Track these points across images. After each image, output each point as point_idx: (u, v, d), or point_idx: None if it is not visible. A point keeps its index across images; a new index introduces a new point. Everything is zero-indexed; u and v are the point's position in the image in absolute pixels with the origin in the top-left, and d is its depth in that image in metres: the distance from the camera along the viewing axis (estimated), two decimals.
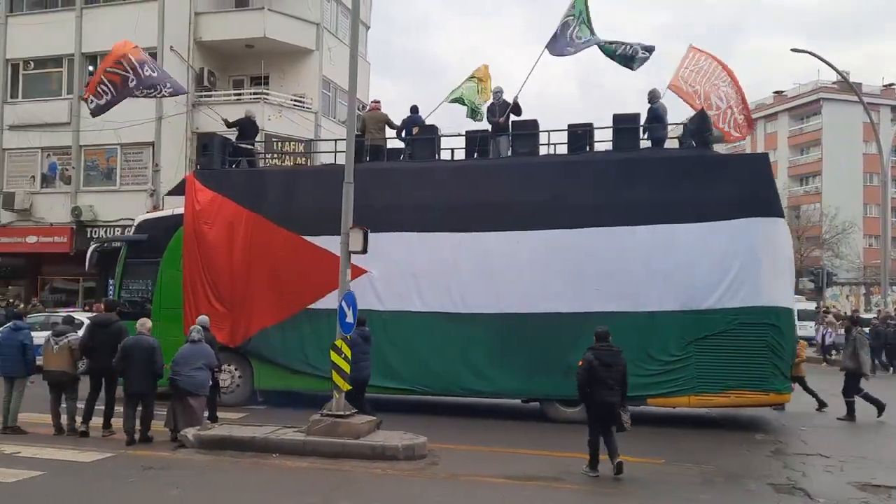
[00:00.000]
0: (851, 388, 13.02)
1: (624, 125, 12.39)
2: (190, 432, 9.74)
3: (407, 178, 12.97)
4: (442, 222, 12.34)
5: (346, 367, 9.87)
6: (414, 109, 14.26)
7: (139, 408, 10.14)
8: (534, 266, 11.92)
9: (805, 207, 52.77)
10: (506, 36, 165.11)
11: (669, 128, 13.24)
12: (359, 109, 13.62)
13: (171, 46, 24.13)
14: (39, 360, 10.85)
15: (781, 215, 11.89)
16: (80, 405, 10.61)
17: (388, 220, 12.09)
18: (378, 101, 14.55)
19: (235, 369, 13.21)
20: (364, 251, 10.14)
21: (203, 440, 9.65)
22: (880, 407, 12.93)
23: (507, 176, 12.51)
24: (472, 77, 15.10)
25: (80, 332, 11.44)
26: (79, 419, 10.55)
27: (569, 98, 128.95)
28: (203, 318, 11.40)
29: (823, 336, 24.67)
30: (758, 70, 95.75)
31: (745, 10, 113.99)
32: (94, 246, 15.22)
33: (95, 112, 13.93)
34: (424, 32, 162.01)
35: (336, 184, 11.96)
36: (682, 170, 11.79)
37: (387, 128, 14.10)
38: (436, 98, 13.69)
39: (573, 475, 8.59)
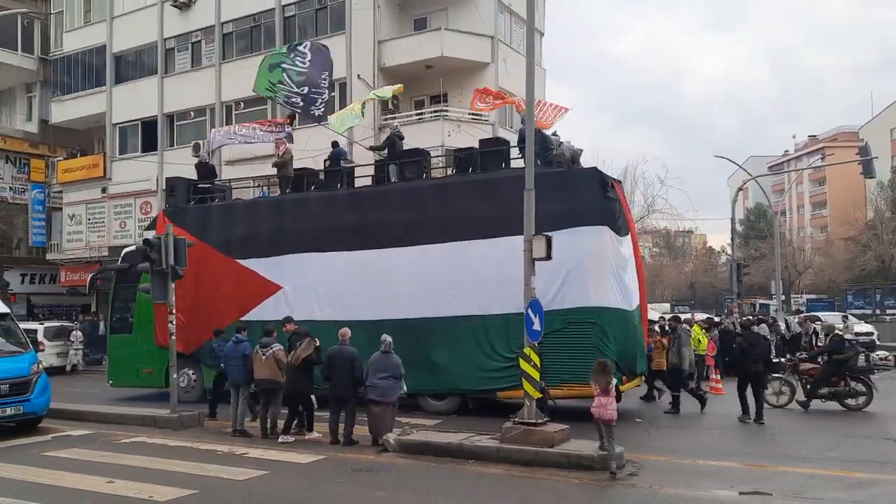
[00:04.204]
0: (677, 383, 14.06)
1: (489, 149, 14.25)
2: (391, 437, 10.27)
3: (310, 206, 15.21)
4: (334, 243, 14.41)
5: (536, 375, 9.89)
6: (335, 144, 16.77)
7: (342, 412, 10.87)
8: (404, 278, 13.62)
9: None
10: (685, 25, 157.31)
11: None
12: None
13: (359, 74, 25.77)
14: None
15: (607, 223, 12.70)
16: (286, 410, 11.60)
17: (294, 243, 14.69)
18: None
19: (192, 373, 16.06)
20: (549, 257, 10.14)
21: (404, 444, 10.13)
22: (703, 402, 14.02)
23: (385, 200, 14.52)
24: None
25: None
26: (289, 422, 11.51)
27: (755, 84, 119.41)
28: None
29: None
30: None
31: None
32: (91, 275, 20.07)
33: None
34: (597, 33, 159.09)
35: (262, 214, 15.79)
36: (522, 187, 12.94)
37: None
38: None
39: (784, 492, 7.89)
